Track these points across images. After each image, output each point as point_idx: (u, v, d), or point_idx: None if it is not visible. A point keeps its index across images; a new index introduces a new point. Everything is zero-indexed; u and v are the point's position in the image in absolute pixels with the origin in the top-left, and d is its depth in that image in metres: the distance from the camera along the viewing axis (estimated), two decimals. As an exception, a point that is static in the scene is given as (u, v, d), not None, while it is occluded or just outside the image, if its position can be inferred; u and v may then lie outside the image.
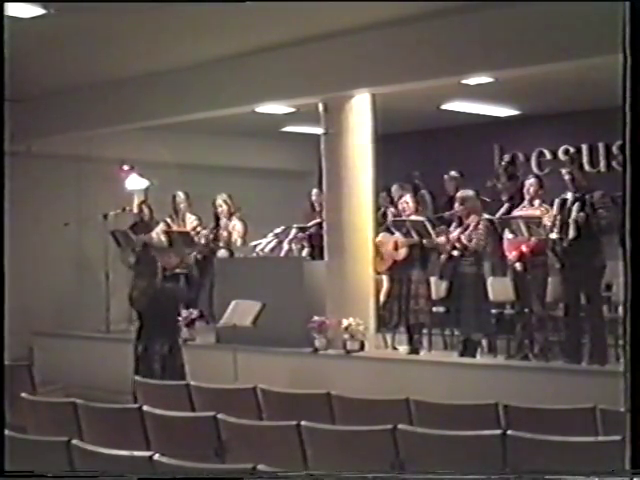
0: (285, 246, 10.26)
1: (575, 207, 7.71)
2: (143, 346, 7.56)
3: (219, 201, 10.94)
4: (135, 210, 11.66)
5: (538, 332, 8.34)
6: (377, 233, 9.31)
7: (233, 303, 8.54)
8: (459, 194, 8.88)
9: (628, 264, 3.46)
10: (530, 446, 4.43)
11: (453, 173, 11.04)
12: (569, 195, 7.90)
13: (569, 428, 4.99)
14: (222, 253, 10.73)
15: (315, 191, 10.97)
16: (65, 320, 11.69)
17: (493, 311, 8.98)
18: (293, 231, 10.35)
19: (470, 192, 8.87)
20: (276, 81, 9.46)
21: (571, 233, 7.67)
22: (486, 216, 8.67)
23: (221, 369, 8.32)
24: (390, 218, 10.06)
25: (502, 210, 10.02)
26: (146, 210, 11.43)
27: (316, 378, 8.35)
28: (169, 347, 7.51)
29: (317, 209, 10.72)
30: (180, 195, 11.06)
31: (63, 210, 11.81)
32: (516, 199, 9.62)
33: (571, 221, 7.67)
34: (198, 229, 10.90)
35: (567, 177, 8.01)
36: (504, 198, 10.48)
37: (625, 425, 3.42)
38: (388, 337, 9.37)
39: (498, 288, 8.97)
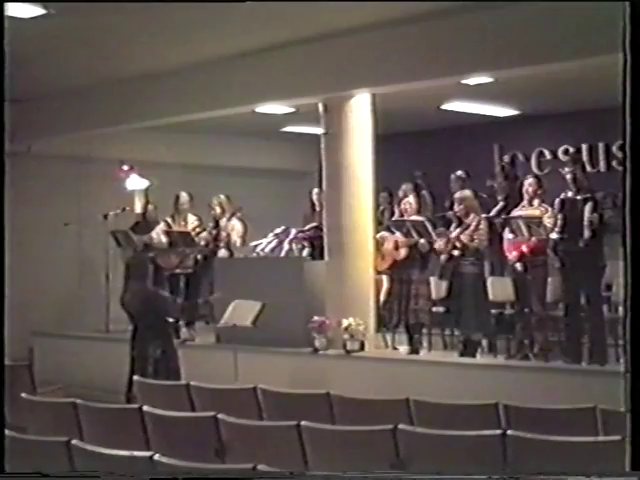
0: (285, 246, 10.25)
1: (587, 208, 7.76)
2: (138, 349, 7.56)
3: (214, 202, 10.94)
4: (140, 210, 11.61)
5: (538, 332, 8.35)
6: (377, 233, 9.31)
7: (233, 303, 8.53)
8: (457, 194, 8.92)
9: (628, 264, 3.46)
10: (530, 446, 4.43)
11: (460, 173, 10.96)
12: (570, 195, 7.91)
13: (569, 428, 4.98)
14: (222, 253, 10.73)
15: (316, 190, 10.91)
16: (65, 320, 11.69)
17: (493, 311, 8.99)
18: (293, 231, 10.34)
19: (467, 192, 8.90)
20: (276, 81, 9.46)
21: (586, 234, 7.69)
22: (485, 215, 8.69)
23: (221, 369, 8.32)
24: (396, 216, 10.03)
25: (497, 208, 10.03)
26: (151, 210, 11.39)
27: (316, 378, 8.34)
28: (162, 350, 7.48)
29: (317, 209, 10.71)
30: (184, 196, 11.02)
31: (63, 210, 11.81)
32: (513, 199, 9.63)
33: (586, 223, 7.70)
34: (198, 229, 10.89)
35: (569, 177, 8.02)
36: (499, 197, 10.50)
37: (625, 425, 3.42)
38: (388, 337, 9.37)
39: (498, 288, 8.97)
